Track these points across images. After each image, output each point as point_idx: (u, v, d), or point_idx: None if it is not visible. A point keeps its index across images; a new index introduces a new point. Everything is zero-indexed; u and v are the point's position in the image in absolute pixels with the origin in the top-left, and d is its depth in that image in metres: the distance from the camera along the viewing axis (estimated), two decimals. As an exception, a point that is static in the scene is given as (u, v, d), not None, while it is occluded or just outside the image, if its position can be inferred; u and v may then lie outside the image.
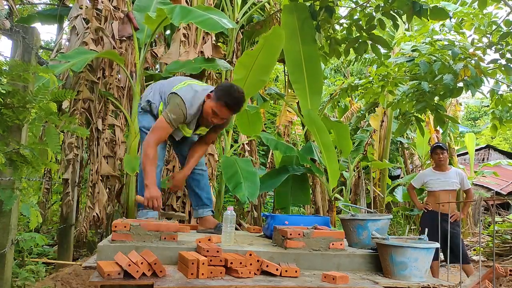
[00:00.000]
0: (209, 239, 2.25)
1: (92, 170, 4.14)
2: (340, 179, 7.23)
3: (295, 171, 5.27)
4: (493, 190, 9.52)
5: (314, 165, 5.31)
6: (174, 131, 2.83)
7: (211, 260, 1.93)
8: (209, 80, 4.98)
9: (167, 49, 4.87)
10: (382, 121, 8.49)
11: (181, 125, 2.82)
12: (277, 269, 2.02)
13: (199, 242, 2.18)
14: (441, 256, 5.30)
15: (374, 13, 4.62)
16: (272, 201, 6.91)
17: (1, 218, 2.38)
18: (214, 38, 4.96)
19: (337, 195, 5.84)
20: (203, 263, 1.87)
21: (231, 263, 1.95)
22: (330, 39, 5.10)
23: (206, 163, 4.84)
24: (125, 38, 4.33)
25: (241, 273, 1.92)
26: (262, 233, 3.04)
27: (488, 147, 14.47)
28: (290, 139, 8.42)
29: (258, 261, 2.03)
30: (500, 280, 4.00)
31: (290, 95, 6.94)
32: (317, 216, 2.87)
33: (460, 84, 4.46)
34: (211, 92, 2.76)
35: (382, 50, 5.43)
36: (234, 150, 5.21)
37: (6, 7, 4.26)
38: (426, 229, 2.41)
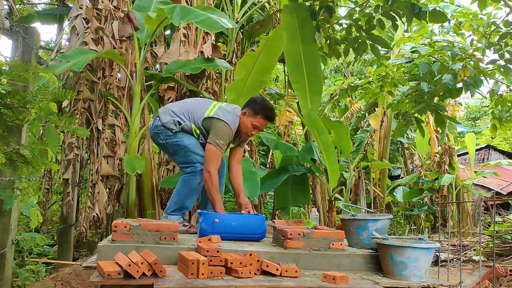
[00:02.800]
0: (209, 239, 2.26)
1: (92, 170, 4.14)
2: (340, 179, 7.22)
3: (295, 171, 5.27)
4: (493, 190, 9.51)
5: (314, 165, 5.31)
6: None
7: (211, 260, 1.93)
8: (209, 80, 4.98)
9: (167, 49, 4.87)
10: (382, 121, 8.48)
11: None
12: (277, 269, 2.02)
13: (199, 242, 2.18)
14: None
15: (373, 13, 4.62)
16: (272, 201, 6.91)
17: (1, 218, 2.38)
18: (214, 38, 4.96)
19: (337, 195, 5.84)
20: (203, 263, 1.87)
21: (231, 263, 1.95)
22: (329, 39, 5.10)
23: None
24: (125, 38, 4.33)
25: (241, 273, 1.92)
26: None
27: (488, 147, 14.45)
28: (290, 139, 8.42)
29: (258, 261, 2.03)
30: (500, 280, 4.00)
31: (290, 95, 6.94)
32: (253, 215, 2.81)
33: (460, 85, 4.46)
34: (243, 109, 3.00)
35: (382, 51, 5.43)
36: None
37: (6, 7, 4.26)
38: (426, 234, 2.40)
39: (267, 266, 2.03)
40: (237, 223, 2.60)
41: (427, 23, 4.61)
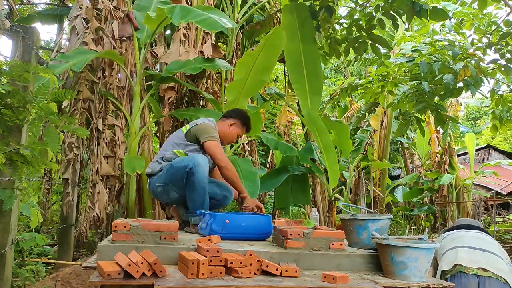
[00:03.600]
0: (209, 239, 2.26)
1: (92, 170, 4.14)
2: (340, 179, 7.23)
3: (295, 171, 5.27)
4: (493, 190, 9.51)
5: (314, 165, 5.31)
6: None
7: (211, 260, 1.93)
8: (209, 80, 4.98)
9: (167, 49, 4.87)
10: (382, 121, 8.48)
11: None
12: (277, 269, 2.02)
13: (199, 242, 2.18)
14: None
15: (374, 13, 4.62)
16: (272, 201, 6.91)
17: (2, 218, 2.38)
18: (214, 38, 4.95)
19: (337, 195, 5.84)
20: (203, 263, 1.86)
21: (231, 263, 1.94)
22: (330, 39, 5.10)
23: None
24: (125, 38, 4.32)
25: (241, 273, 1.92)
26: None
27: (488, 147, 14.46)
28: (290, 139, 8.42)
29: (258, 261, 2.03)
30: (500, 280, 4.00)
31: (290, 95, 6.94)
32: (261, 215, 2.83)
33: (460, 84, 4.45)
34: (230, 120, 3.27)
35: (382, 50, 5.43)
36: (234, 150, 5.20)
37: (6, 7, 4.26)
38: (426, 234, 2.40)
39: (267, 266, 2.03)
40: (247, 224, 2.61)
41: (428, 21, 4.61)
